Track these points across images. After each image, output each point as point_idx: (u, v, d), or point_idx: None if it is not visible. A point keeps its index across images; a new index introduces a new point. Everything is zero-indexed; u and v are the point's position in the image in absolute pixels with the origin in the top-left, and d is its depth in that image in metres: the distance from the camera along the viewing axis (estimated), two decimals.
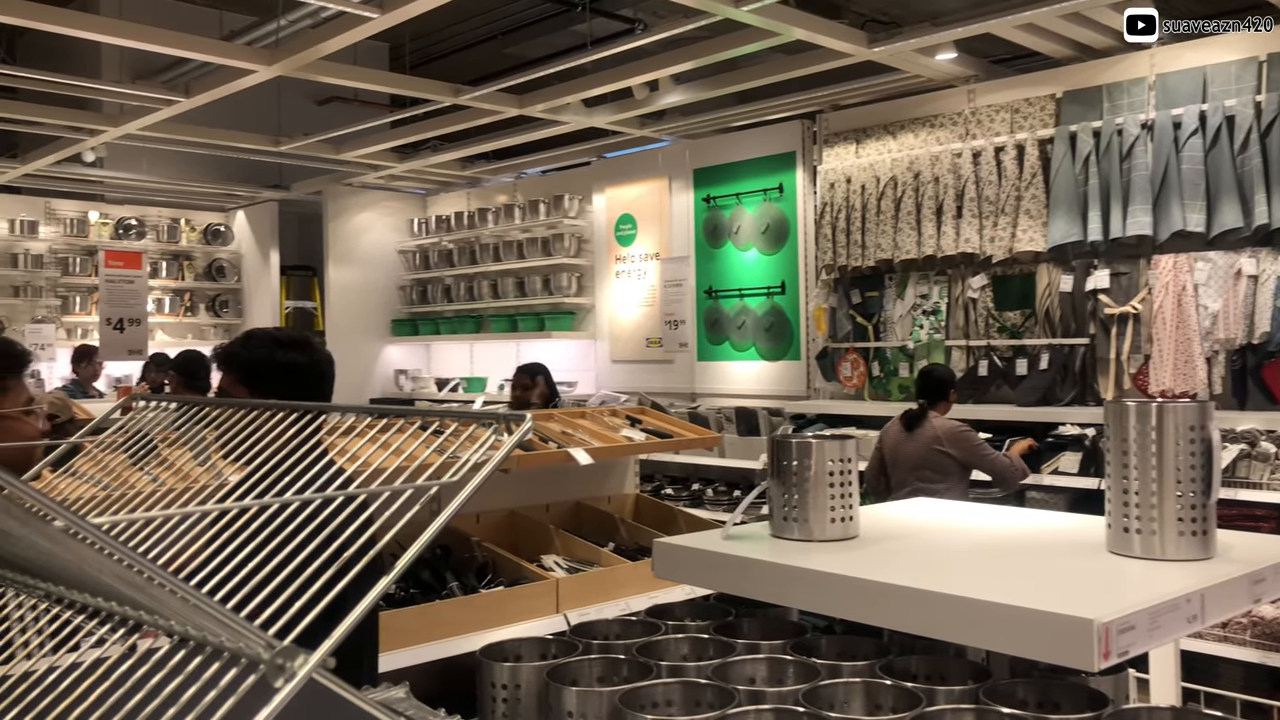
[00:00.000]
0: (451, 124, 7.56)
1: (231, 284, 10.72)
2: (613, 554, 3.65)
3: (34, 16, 5.65)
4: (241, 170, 9.80)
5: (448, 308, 9.62)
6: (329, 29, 5.59)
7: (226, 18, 8.18)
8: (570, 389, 8.40)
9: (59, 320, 9.53)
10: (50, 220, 9.68)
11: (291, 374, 2.09)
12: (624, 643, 1.70)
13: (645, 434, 4.27)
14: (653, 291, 7.88)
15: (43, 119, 7.53)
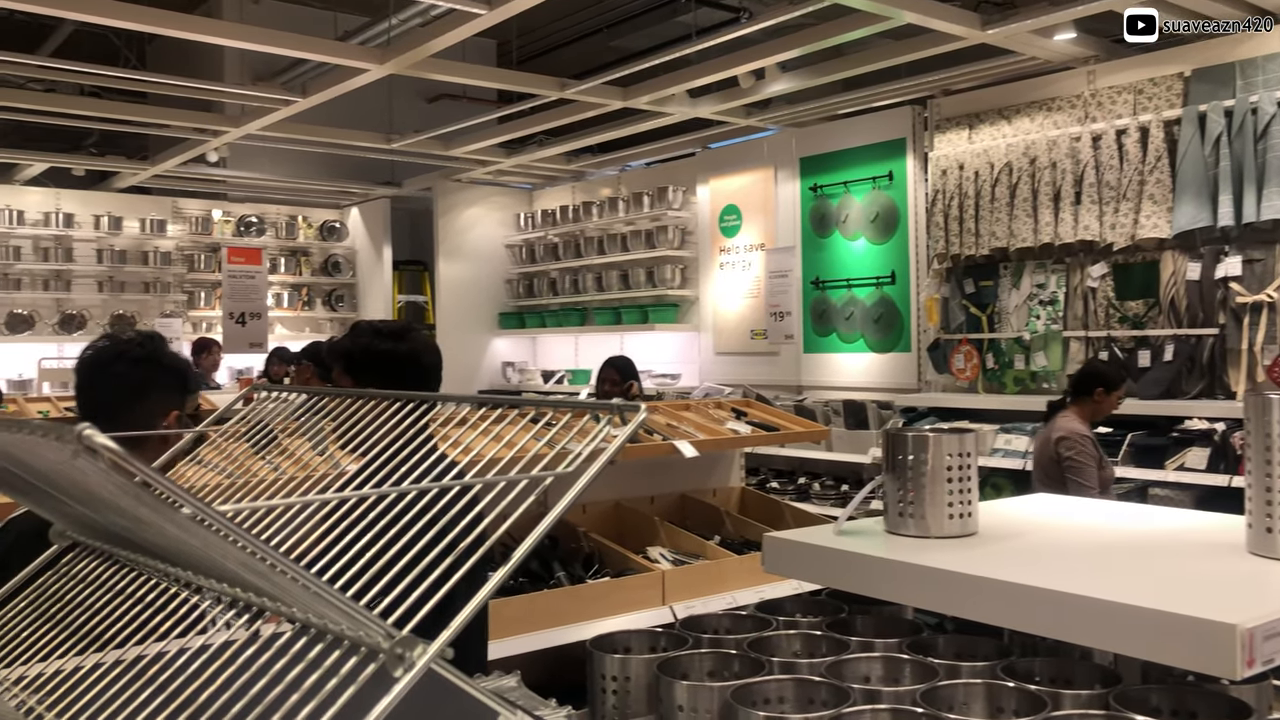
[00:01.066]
0: (557, 118, 7.62)
1: (346, 279, 11.02)
2: (718, 547, 3.63)
3: (162, 23, 5.88)
4: (355, 168, 10.06)
5: (553, 301, 9.71)
6: (438, 27, 5.69)
7: (341, 19, 8.41)
8: (673, 381, 8.40)
9: (185, 314, 9.94)
10: (177, 219, 10.10)
11: (388, 362, 2.13)
12: (734, 637, 1.67)
13: (751, 427, 4.23)
14: (758, 283, 7.81)
15: (170, 121, 7.85)
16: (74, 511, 0.93)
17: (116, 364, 1.90)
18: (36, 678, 0.96)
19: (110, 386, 1.90)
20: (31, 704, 0.91)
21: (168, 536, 0.70)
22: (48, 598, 1.05)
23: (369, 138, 8.34)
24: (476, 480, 0.78)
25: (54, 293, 9.35)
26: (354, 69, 6.28)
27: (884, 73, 6.65)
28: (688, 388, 8.01)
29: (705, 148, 8.57)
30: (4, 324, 9.05)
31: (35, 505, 1.03)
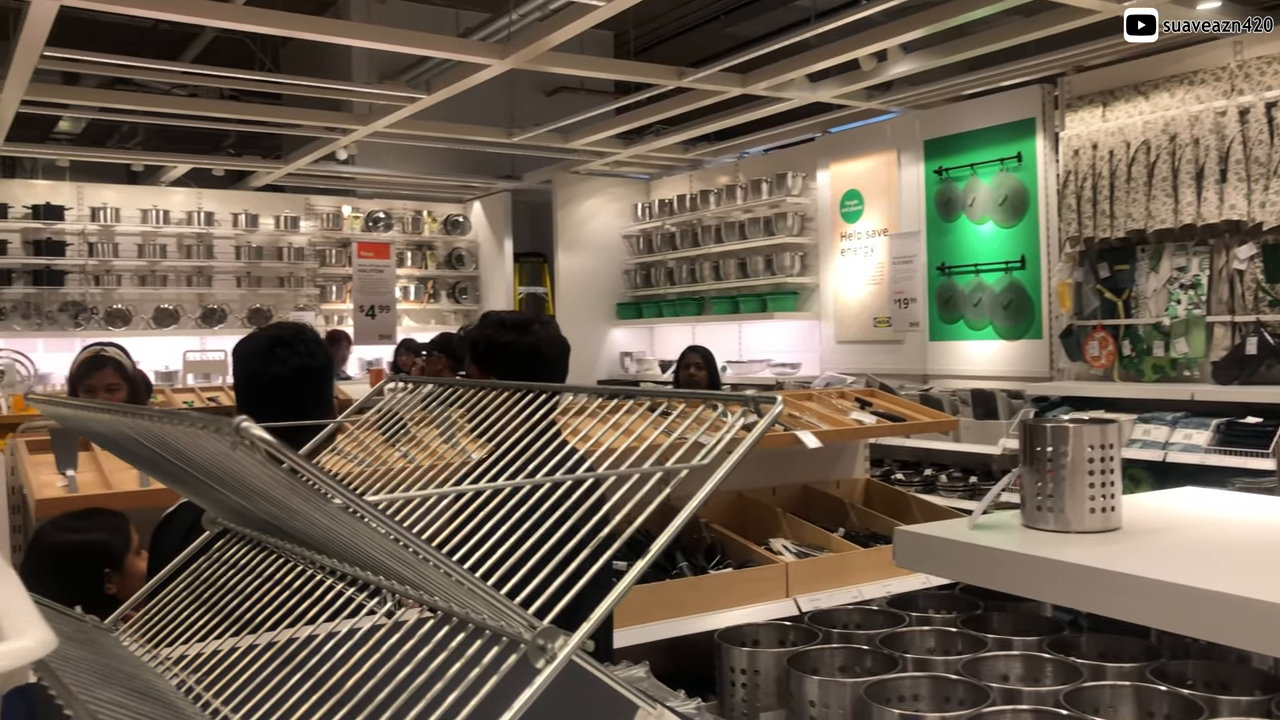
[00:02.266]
0: (674, 107, 7.61)
1: (469, 271, 11.26)
2: (843, 539, 3.57)
3: (293, 26, 6.09)
4: (477, 162, 10.26)
5: (670, 290, 9.72)
6: (556, 20, 5.73)
7: (462, 15, 8.57)
8: (793, 371, 8.31)
9: (318, 308, 10.31)
10: (309, 215, 10.48)
11: (509, 353, 2.16)
12: (866, 633, 1.64)
13: (876, 417, 4.15)
14: (880, 269, 7.66)
15: (302, 121, 8.13)
16: (226, 499, 0.97)
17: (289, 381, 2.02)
18: (195, 657, 1.00)
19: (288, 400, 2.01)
20: (190, 683, 0.95)
21: (317, 525, 0.71)
22: (201, 581, 1.09)
23: (490, 132, 8.48)
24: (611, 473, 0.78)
25: (196, 288, 9.81)
26: (476, 65, 6.38)
27: (1011, 51, 6.42)
28: (808, 377, 7.92)
29: (825, 132, 8.43)
30: (151, 318, 9.54)
31: (190, 492, 1.08)
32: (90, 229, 9.28)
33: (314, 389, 2.00)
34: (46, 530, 2.38)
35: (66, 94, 7.56)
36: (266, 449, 0.55)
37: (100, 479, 2.83)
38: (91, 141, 10.69)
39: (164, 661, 1.01)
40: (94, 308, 9.27)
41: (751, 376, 8.44)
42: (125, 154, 9.83)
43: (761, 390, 6.73)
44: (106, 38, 8.34)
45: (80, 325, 9.12)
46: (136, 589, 2.34)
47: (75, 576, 2.14)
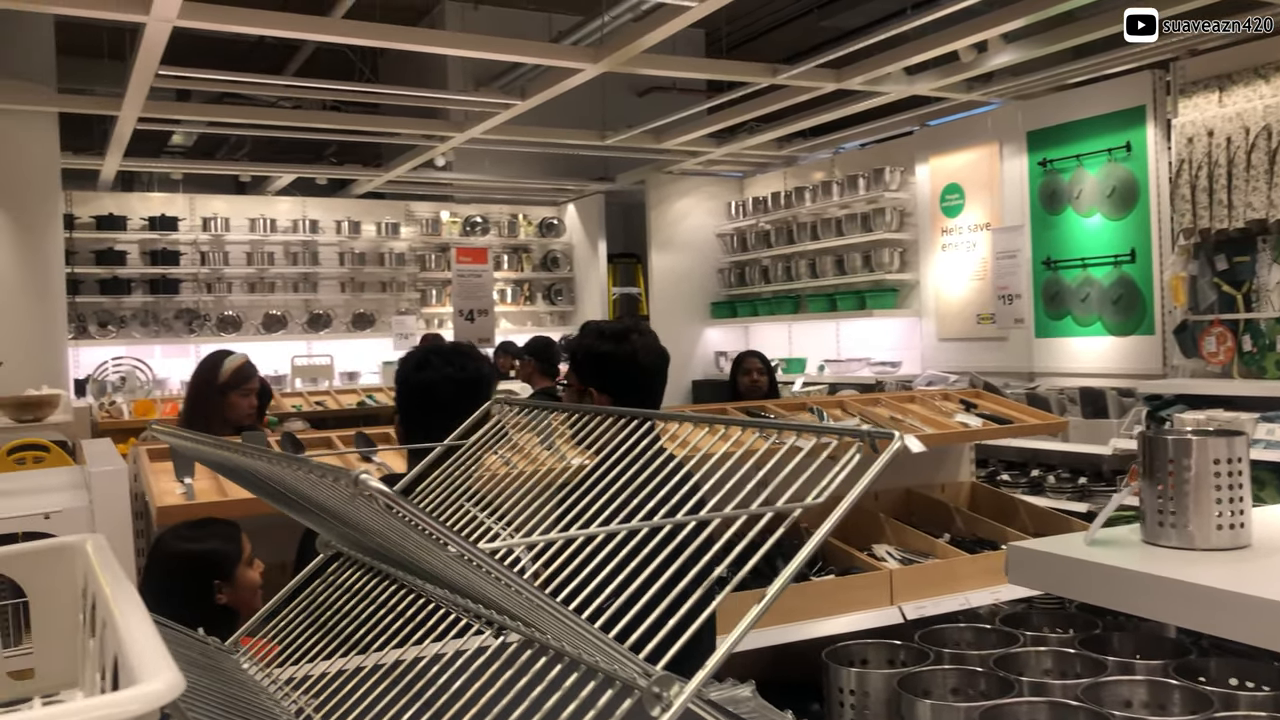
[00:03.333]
0: (768, 104, 7.55)
1: (564, 273, 11.35)
2: (948, 545, 3.49)
3: (391, 38, 6.21)
4: (570, 165, 10.34)
5: (765, 289, 9.65)
6: (649, 22, 5.73)
7: (555, 19, 8.64)
8: (893, 370, 8.17)
9: (418, 312, 10.52)
10: (409, 221, 10.70)
11: (606, 363, 2.17)
12: (979, 653, 1.60)
13: (982, 419, 4.04)
14: (983, 264, 7.47)
15: (401, 130, 8.30)
16: (340, 529, 0.99)
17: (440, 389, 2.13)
18: (308, 679, 1.03)
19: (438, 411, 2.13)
20: (302, 704, 0.97)
21: (432, 565, 0.72)
22: (316, 604, 1.12)
23: (583, 135, 8.53)
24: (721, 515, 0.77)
25: (302, 294, 10.10)
26: (569, 69, 6.42)
27: (1119, 37, 6.18)
28: (909, 376, 7.77)
29: (923, 125, 8.26)
30: (260, 324, 9.86)
31: (303, 519, 1.10)
32: (202, 239, 9.64)
33: (467, 399, 2.10)
34: (166, 538, 2.47)
35: (179, 110, 7.87)
36: (386, 501, 0.56)
37: (216, 487, 2.93)
38: (202, 154, 11.10)
39: (278, 683, 1.03)
40: (207, 314, 9.63)
41: (850, 375, 8.32)
42: (234, 165, 10.18)
43: (861, 390, 6.61)
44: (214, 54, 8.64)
45: (194, 332, 9.48)
46: (247, 599, 2.42)
47: (190, 585, 2.22)
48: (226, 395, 3.85)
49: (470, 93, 7.93)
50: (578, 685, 0.69)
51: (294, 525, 2.70)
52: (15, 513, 2.52)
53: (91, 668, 0.95)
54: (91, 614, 0.98)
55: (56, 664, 1.06)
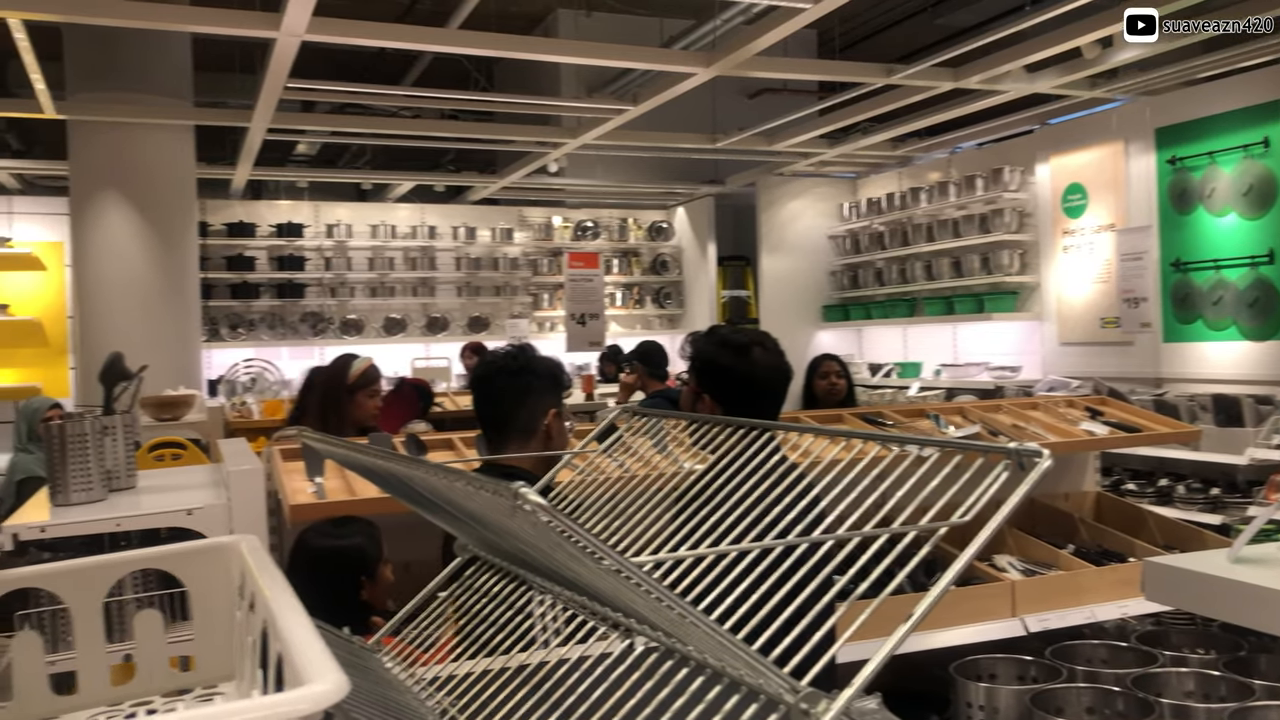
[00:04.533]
0: (882, 105, 7.44)
1: (673, 277, 11.39)
2: (1073, 557, 3.38)
3: (506, 47, 6.33)
4: (680, 169, 10.36)
5: (879, 291, 9.50)
6: (762, 25, 5.70)
7: (666, 24, 8.68)
8: (1012, 375, 7.95)
9: (530, 315, 10.69)
10: (522, 226, 10.88)
11: (725, 375, 2.15)
12: (1114, 671, 1.55)
13: (1108, 428, 3.91)
14: (1107, 266, 7.22)
15: (515, 137, 8.45)
16: (478, 532, 1.02)
17: (497, 379, 2.17)
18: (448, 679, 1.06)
19: (496, 398, 2.17)
20: (445, 705, 1.00)
21: (576, 573, 0.74)
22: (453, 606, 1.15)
23: (694, 139, 8.55)
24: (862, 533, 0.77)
25: (421, 298, 10.37)
26: (681, 74, 6.44)
27: None
28: (1029, 381, 7.55)
29: (1044, 124, 8.03)
30: (381, 327, 10.15)
31: (440, 521, 1.14)
32: (326, 244, 9.98)
33: (515, 410, 2.20)
34: (309, 536, 2.56)
35: (304, 120, 8.16)
36: (544, 515, 0.57)
37: (345, 486, 3.03)
38: (325, 163, 11.49)
39: (422, 683, 1.07)
40: (330, 318, 9.96)
41: (968, 380, 8.14)
42: (356, 173, 10.52)
43: (980, 395, 6.46)
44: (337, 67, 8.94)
45: (319, 334, 9.82)
46: (384, 595, 2.50)
47: (335, 581, 2.30)
48: (354, 396, 3.98)
49: (583, 99, 8.03)
50: (720, 698, 0.70)
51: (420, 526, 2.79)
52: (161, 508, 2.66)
53: (249, 663, 1.00)
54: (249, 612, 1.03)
55: (213, 657, 1.12)
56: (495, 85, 9.99)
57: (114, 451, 2.87)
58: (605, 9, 9.45)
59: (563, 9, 9.46)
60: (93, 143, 6.98)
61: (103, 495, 2.70)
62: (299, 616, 0.79)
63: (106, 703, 1.07)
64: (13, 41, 5.48)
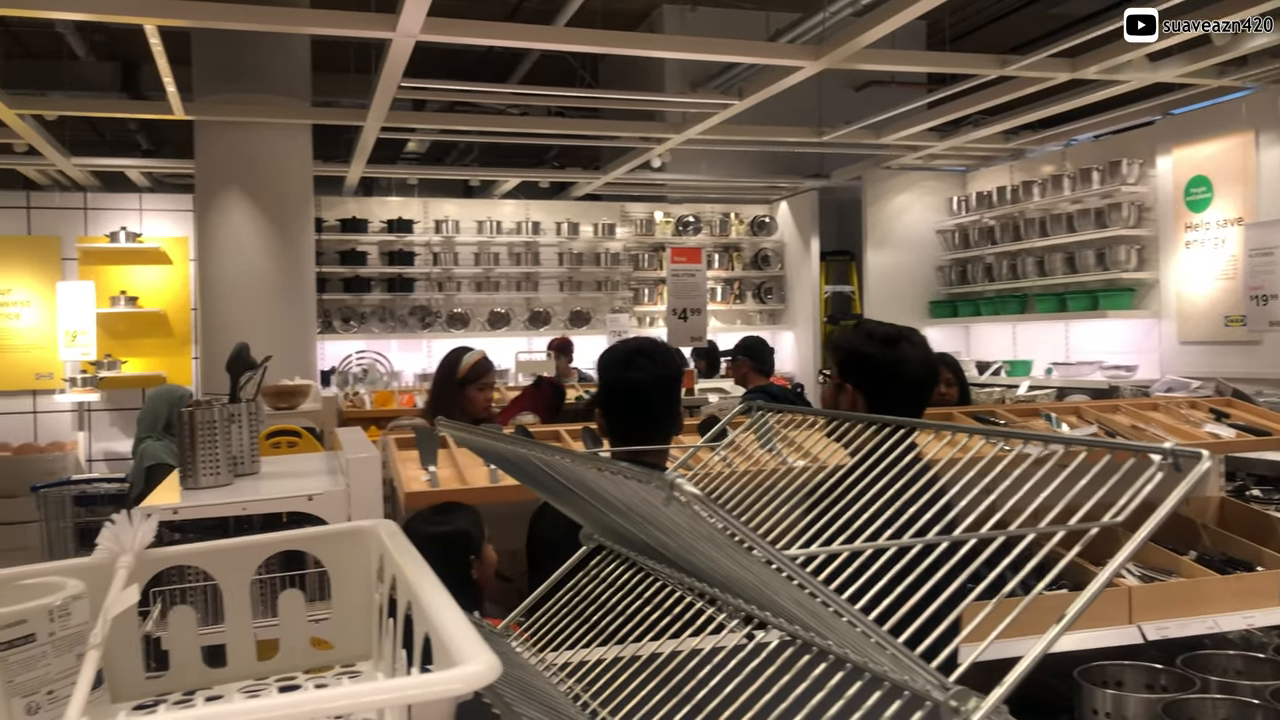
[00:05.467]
0: (994, 97, 7.25)
1: (775, 271, 11.31)
2: (1194, 564, 3.26)
3: (611, 43, 6.37)
4: (784, 162, 10.28)
5: (989, 287, 9.28)
6: (871, 17, 5.62)
7: (772, 18, 8.62)
8: (1128, 374, 7.69)
9: (631, 310, 10.74)
10: (624, 222, 10.95)
11: (870, 366, 2.13)
12: (1252, 683, 1.49)
13: (1235, 430, 3.75)
14: (1233, 262, 6.92)
15: (619, 133, 8.50)
16: (608, 520, 1.03)
17: (660, 387, 2.25)
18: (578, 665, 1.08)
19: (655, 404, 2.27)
20: (577, 691, 1.02)
21: (715, 565, 0.75)
22: (579, 595, 1.18)
23: (799, 132, 8.47)
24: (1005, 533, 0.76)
25: (524, 293, 10.52)
26: (788, 67, 6.39)
27: None
28: (1146, 381, 7.29)
29: (1166, 114, 7.72)
30: (486, 321, 10.34)
31: (569, 509, 1.16)
32: (435, 240, 10.20)
33: (666, 395, 2.19)
34: (415, 523, 2.64)
35: (416, 119, 8.34)
36: (698, 506, 0.58)
37: (457, 475, 3.11)
38: (433, 160, 11.74)
39: (551, 667, 1.09)
40: (438, 311, 10.18)
41: (1081, 379, 7.90)
42: (464, 170, 10.72)
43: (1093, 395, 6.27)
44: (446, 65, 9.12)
45: (427, 328, 10.05)
46: (489, 575, 2.57)
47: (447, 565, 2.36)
48: (464, 390, 4.07)
49: (687, 94, 8.03)
50: (861, 694, 0.70)
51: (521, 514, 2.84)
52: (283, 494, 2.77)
53: (389, 643, 1.03)
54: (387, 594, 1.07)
55: (351, 637, 1.16)
56: (599, 82, 10.06)
57: (239, 438, 3.00)
58: (710, 3, 9.43)
59: (668, 4, 9.47)
60: (217, 142, 7.27)
61: (229, 480, 2.82)
62: (444, 598, 0.82)
63: (253, 677, 1.12)
64: (146, 47, 5.74)
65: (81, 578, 1.02)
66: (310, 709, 0.60)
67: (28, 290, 8.64)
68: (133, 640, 1.08)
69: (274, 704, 0.59)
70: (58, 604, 0.96)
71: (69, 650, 0.96)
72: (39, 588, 1.01)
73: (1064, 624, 0.65)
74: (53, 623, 0.96)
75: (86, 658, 0.90)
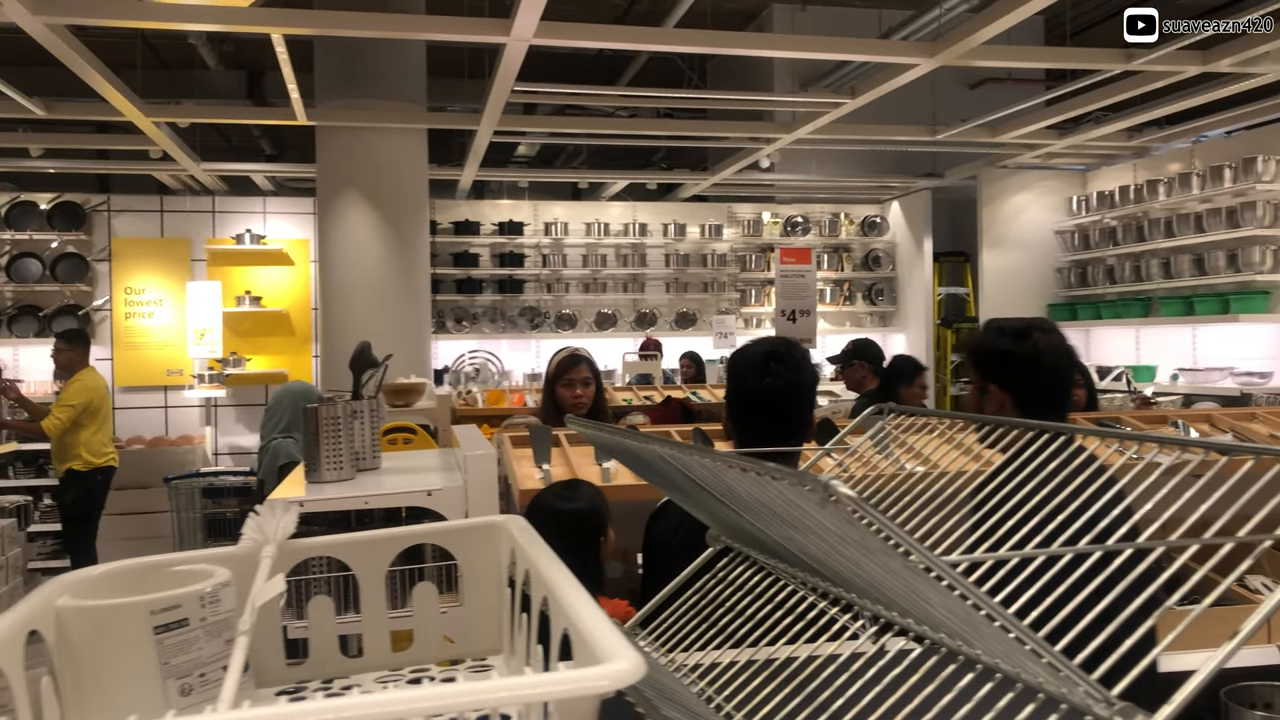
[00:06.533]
0: (1117, 93, 6.99)
1: (886, 273, 11.12)
2: None
3: (727, 44, 6.36)
4: (895, 161, 10.11)
5: (1110, 290, 8.96)
6: (990, 13, 5.47)
7: (884, 15, 8.48)
8: (1262, 381, 7.33)
9: (738, 311, 10.70)
10: (731, 222, 10.91)
11: (1007, 361, 2.10)
12: None
13: None
14: None
15: (728, 134, 8.48)
16: (738, 521, 1.03)
17: (807, 396, 2.21)
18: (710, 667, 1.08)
19: (796, 412, 2.21)
20: (710, 693, 1.02)
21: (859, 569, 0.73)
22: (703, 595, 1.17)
23: (912, 131, 8.31)
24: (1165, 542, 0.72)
25: (631, 294, 10.57)
26: (901, 65, 6.28)
27: None
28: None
29: None
30: (593, 322, 10.43)
31: (697, 509, 1.16)
32: (544, 242, 10.33)
33: (801, 402, 2.16)
34: (547, 499, 2.64)
35: (527, 122, 8.47)
36: (854, 507, 0.57)
37: (570, 472, 3.14)
38: (542, 163, 11.90)
39: (681, 669, 1.09)
40: (546, 312, 10.32)
41: (1209, 386, 7.56)
42: (573, 173, 10.83)
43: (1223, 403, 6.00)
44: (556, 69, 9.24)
45: (536, 328, 10.19)
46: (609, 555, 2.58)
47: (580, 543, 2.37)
48: (554, 389, 4.17)
49: (797, 93, 7.96)
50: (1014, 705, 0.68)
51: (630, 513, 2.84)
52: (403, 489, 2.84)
53: (521, 638, 1.05)
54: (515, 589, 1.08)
55: (479, 631, 1.18)
56: (707, 82, 10.05)
57: (361, 434, 3.09)
58: (820, 2, 9.33)
59: (777, 4, 9.40)
60: (338, 147, 7.49)
61: (351, 475, 2.91)
62: (582, 594, 0.82)
63: (388, 667, 1.15)
64: (270, 56, 5.96)
65: (227, 566, 1.06)
66: (467, 700, 0.61)
67: (160, 290, 9.06)
68: (275, 628, 1.12)
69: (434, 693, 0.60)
70: (208, 590, 1.00)
71: (218, 635, 1.00)
72: (189, 574, 1.05)
73: (1240, 639, 0.62)
74: (204, 608, 0.99)
75: (237, 643, 0.94)
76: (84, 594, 1.00)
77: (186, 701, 0.97)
